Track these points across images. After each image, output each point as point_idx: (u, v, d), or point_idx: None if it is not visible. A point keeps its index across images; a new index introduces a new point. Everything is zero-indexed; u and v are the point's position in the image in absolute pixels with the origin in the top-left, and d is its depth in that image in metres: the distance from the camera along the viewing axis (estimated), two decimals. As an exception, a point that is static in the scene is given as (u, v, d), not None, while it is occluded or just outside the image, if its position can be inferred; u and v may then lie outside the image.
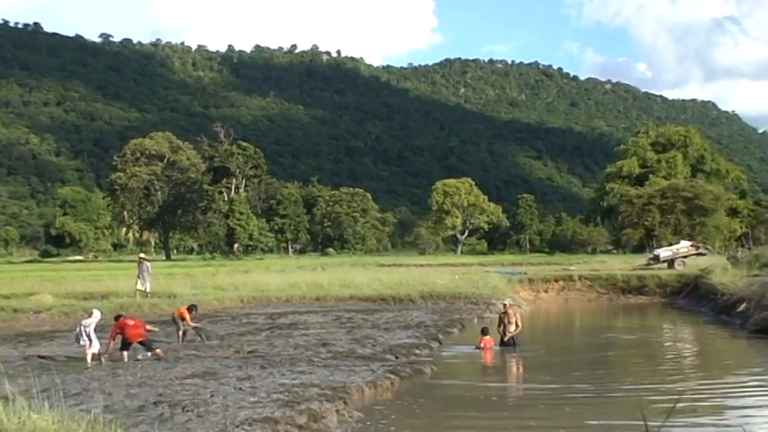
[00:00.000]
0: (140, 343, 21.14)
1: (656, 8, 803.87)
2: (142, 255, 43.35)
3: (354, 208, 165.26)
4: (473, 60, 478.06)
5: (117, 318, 21.99)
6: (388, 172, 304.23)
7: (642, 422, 8.87)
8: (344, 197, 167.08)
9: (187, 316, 25.35)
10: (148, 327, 22.28)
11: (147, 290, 38.16)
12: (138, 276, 38.52)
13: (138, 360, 20.68)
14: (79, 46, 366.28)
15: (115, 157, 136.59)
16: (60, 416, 10.48)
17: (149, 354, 21.15)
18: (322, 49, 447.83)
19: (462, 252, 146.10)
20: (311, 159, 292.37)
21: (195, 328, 25.55)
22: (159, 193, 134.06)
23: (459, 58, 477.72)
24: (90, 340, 20.42)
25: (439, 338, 26.38)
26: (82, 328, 20.45)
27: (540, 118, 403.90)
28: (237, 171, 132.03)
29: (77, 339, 20.67)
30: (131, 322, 21.43)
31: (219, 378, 17.48)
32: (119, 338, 21.02)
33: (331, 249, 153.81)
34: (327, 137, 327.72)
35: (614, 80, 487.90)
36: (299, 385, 16.40)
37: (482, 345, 24.41)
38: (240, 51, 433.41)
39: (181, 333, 25.16)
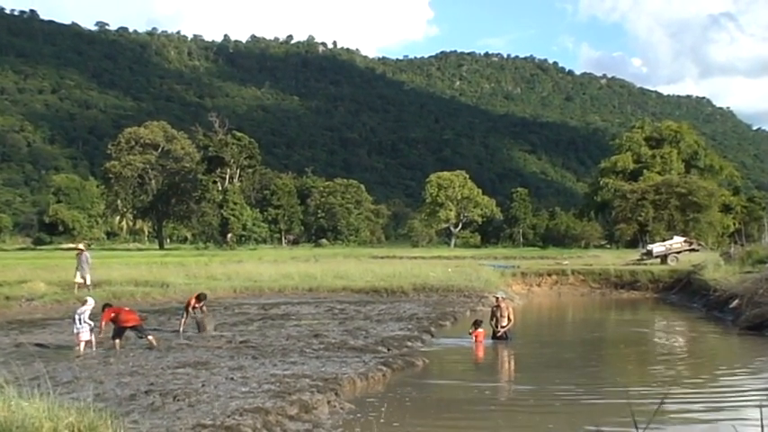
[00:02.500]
0: (133, 328, 21.08)
1: (652, 4, 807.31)
2: (81, 245, 40.75)
3: (348, 199, 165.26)
4: (469, 53, 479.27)
5: (105, 307, 21.81)
6: (383, 164, 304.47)
7: (632, 422, 8.88)
8: (338, 188, 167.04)
9: (192, 301, 25.02)
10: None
11: (88, 282, 35.57)
12: (77, 268, 35.84)
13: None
14: (75, 34, 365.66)
15: (109, 146, 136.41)
16: (50, 404, 10.45)
17: (142, 340, 21.16)
18: (318, 40, 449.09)
19: (455, 245, 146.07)
20: (306, 150, 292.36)
21: (195, 317, 24.90)
22: (153, 181, 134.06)
23: (455, 51, 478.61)
24: (89, 325, 20.37)
25: (431, 331, 26.36)
26: (77, 316, 20.41)
27: (534, 112, 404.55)
28: (232, 161, 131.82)
29: (75, 327, 20.63)
30: (126, 308, 21.38)
31: (211, 368, 17.47)
32: (110, 327, 20.96)
33: (324, 240, 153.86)
34: (322, 128, 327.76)
35: (609, 75, 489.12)
36: (291, 376, 16.40)
37: (474, 336, 24.41)
38: (236, 41, 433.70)
39: (183, 321, 24.89)
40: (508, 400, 16.90)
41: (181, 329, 24.42)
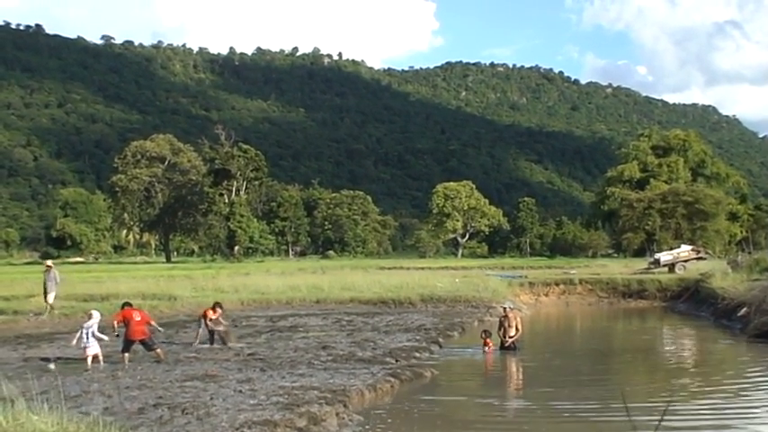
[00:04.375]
0: (141, 342, 21.09)
1: (657, 12, 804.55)
2: (49, 262, 38.09)
3: (355, 211, 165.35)
4: (474, 64, 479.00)
5: (124, 305, 21.97)
6: (389, 175, 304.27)
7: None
8: (345, 200, 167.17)
9: (210, 313, 24.82)
10: (152, 322, 22.26)
11: (50, 301, 33.86)
12: (45, 288, 33.82)
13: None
14: (81, 48, 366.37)
15: (116, 159, 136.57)
16: (59, 418, 10.46)
17: (150, 353, 21.19)
18: (323, 51, 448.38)
19: (463, 255, 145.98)
20: (312, 162, 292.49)
21: (214, 331, 24.66)
22: (160, 195, 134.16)
23: (461, 62, 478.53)
24: (94, 340, 20.38)
25: (439, 342, 26.38)
26: (84, 330, 20.40)
27: (540, 122, 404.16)
28: (238, 173, 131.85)
29: (79, 342, 20.61)
30: (137, 317, 21.29)
31: (219, 381, 17.48)
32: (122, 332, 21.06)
33: (331, 252, 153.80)
34: (328, 139, 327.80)
35: (615, 84, 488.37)
36: (299, 388, 16.40)
37: (486, 347, 24.44)
38: (241, 54, 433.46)
39: (198, 333, 24.92)
40: (516, 414, 16.81)
41: (196, 342, 24.38)
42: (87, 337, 20.30)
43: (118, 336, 21.30)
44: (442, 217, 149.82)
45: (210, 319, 24.69)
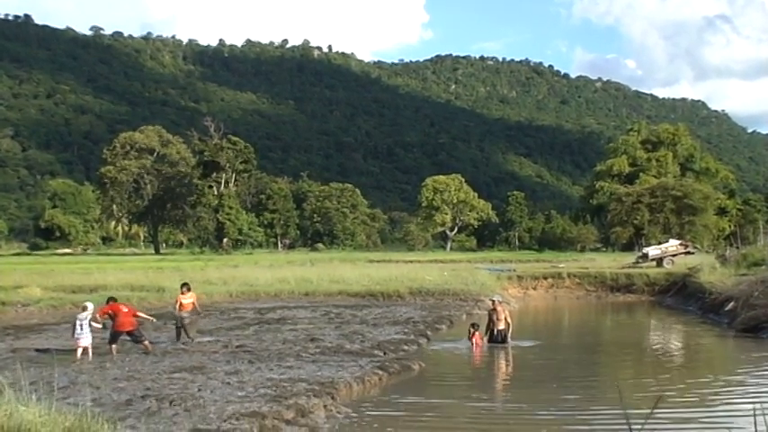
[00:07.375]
0: (129, 333, 21.08)
1: (647, 6, 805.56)
2: None
3: (344, 203, 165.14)
4: (464, 57, 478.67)
5: (109, 300, 21.91)
6: (378, 168, 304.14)
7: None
8: (334, 192, 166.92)
9: (179, 298, 24.19)
10: (140, 314, 22.23)
11: None
12: None
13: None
14: (70, 39, 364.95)
15: (105, 151, 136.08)
16: (48, 409, 10.44)
17: (138, 345, 21.19)
18: (313, 44, 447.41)
19: (451, 249, 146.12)
20: (301, 154, 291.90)
21: (180, 319, 23.80)
22: (149, 186, 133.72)
23: (450, 55, 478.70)
24: (87, 332, 20.35)
25: (427, 335, 26.43)
26: (77, 322, 20.38)
27: (530, 115, 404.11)
28: (227, 165, 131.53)
29: (74, 333, 20.59)
30: (125, 309, 21.36)
31: (207, 372, 17.49)
32: (109, 324, 21.04)
33: (320, 245, 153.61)
34: (317, 132, 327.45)
35: (605, 78, 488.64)
36: (287, 380, 16.42)
37: (474, 340, 24.44)
38: (231, 46, 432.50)
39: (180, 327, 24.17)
40: (504, 409, 16.77)
41: (186, 337, 23.92)
42: (81, 329, 20.29)
43: (104, 327, 21.29)
44: (431, 210, 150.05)
45: (181, 304, 23.97)
